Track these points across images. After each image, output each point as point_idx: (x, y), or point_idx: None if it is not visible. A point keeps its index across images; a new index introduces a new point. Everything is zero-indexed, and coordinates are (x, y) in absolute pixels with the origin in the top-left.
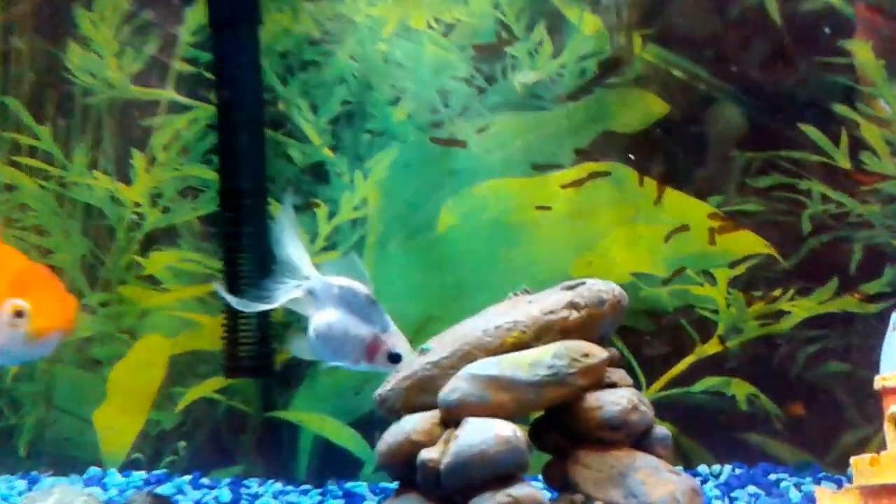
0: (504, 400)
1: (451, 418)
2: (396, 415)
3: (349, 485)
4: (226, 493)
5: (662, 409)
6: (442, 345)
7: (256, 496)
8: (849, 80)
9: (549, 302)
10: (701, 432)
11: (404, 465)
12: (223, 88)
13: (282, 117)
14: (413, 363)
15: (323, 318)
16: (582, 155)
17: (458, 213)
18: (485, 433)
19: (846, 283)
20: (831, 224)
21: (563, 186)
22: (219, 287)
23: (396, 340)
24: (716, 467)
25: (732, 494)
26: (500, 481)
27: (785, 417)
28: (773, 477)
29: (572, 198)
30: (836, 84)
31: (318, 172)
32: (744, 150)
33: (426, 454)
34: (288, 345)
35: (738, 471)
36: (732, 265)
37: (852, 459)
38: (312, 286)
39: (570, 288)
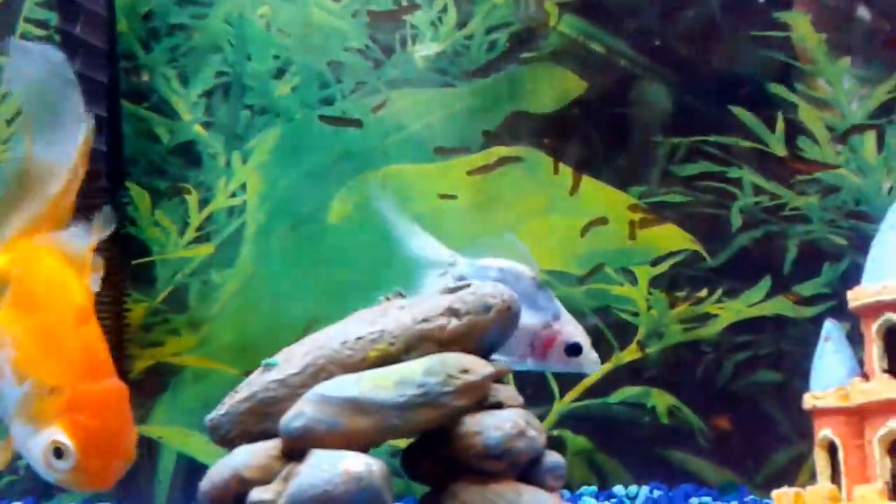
0: (362, 426)
1: (295, 450)
2: (231, 445)
3: None
4: None
5: (576, 421)
6: (291, 359)
7: None
8: (786, 57)
9: (425, 308)
10: (618, 448)
11: None
12: (69, 53)
13: (146, 89)
14: (254, 381)
15: None
16: (490, 138)
17: (351, 203)
18: (330, 469)
19: (779, 284)
20: (764, 218)
21: (470, 173)
22: None
23: (573, 329)
24: (632, 488)
25: None
26: None
27: (710, 432)
28: (694, 501)
29: (479, 186)
30: (771, 61)
31: (189, 153)
32: (669, 135)
33: (258, 495)
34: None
35: (656, 492)
36: (654, 262)
37: (774, 494)
38: (462, 272)
39: (452, 291)
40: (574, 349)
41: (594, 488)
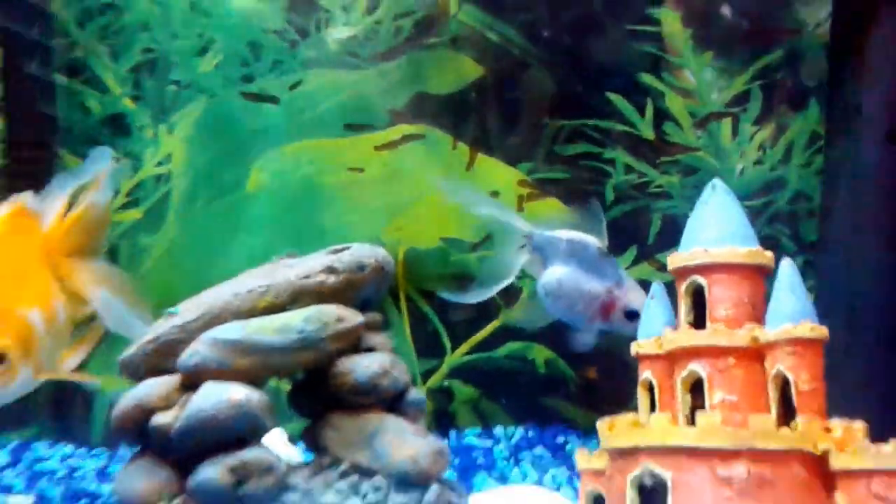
0: (246, 364)
1: (190, 383)
2: (140, 380)
3: None
4: (5, 455)
5: (466, 372)
6: (191, 308)
7: (40, 459)
8: (656, 50)
9: (307, 266)
10: (501, 395)
11: (139, 431)
12: (8, 32)
13: (78, 64)
14: (158, 327)
15: (552, 274)
16: (396, 116)
17: (269, 173)
18: (217, 398)
19: (644, 252)
20: (633, 194)
21: (377, 148)
22: (447, 293)
23: (633, 295)
24: (511, 429)
25: (520, 455)
26: (233, 445)
27: (579, 380)
28: (561, 439)
29: (385, 160)
30: (643, 53)
31: (118, 124)
32: (554, 118)
33: (159, 419)
34: (515, 316)
35: (531, 433)
36: None
37: (598, 423)
38: (536, 242)
39: (335, 252)
40: (632, 314)
41: (478, 429)
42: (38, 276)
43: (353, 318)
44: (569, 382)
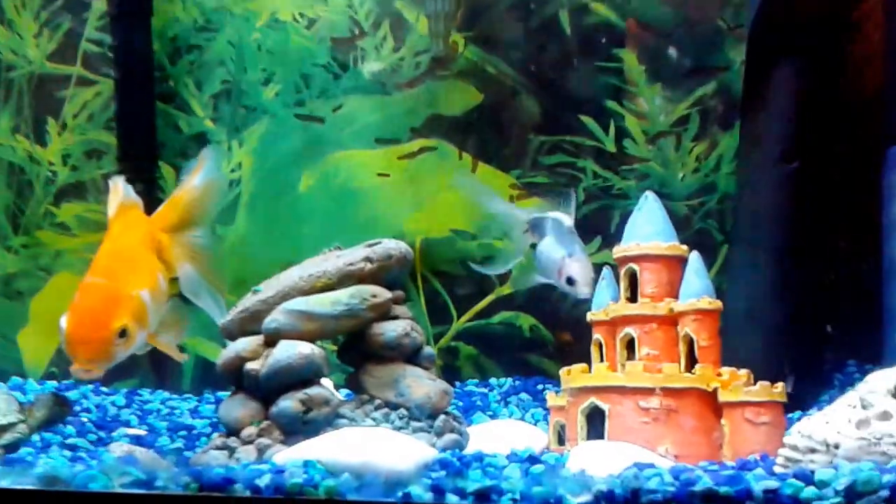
0: (310, 328)
1: (271, 341)
2: (234, 339)
3: (221, 394)
4: (121, 399)
5: (468, 336)
6: (269, 287)
7: (146, 401)
8: (618, 81)
9: (351, 256)
10: (495, 353)
11: (236, 375)
12: (120, 67)
13: (171, 92)
14: (246, 300)
15: (541, 244)
16: (415, 133)
17: (316, 178)
18: (290, 351)
19: (606, 242)
20: (599, 195)
21: (400, 158)
22: (476, 266)
23: (575, 267)
24: (502, 380)
25: (508, 399)
26: (301, 385)
27: (557, 343)
28: (540, 387)
29: (407, 167)
30: (608, 84)
31: (202, 140)
32: (538, 134)
33: (250, 366)
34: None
35: (517, 382)
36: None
37: (560, 371)
38: (533, 223)
39: (370, 246)
40: (569, 280)
41: (476, 380)
42: (145, 258)
43: (383, 294)
44: (547, 343)
